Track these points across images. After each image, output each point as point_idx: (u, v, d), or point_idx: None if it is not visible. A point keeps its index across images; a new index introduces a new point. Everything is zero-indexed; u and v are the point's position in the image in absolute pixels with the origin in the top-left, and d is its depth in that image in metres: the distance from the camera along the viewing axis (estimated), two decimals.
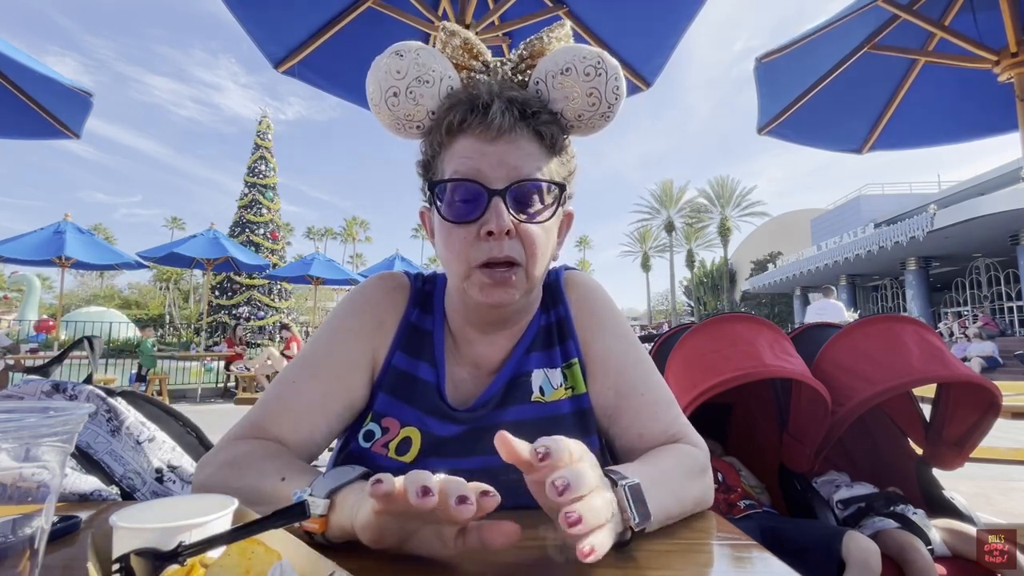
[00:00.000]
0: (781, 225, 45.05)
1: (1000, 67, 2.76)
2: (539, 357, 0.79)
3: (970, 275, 22.58)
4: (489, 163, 0.67)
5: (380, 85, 0.73)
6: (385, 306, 0.81)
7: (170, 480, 0.96)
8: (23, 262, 9.72)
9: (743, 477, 1.58)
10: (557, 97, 0.73)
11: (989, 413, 1.42)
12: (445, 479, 0.44)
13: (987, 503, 2.92)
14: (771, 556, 0.52)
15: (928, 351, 1.39)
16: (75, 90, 3.27)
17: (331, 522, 0.50)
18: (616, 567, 0.49)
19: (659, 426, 0.74)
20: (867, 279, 27.92)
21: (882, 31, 3.16)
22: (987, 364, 11.33)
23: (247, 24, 2.75)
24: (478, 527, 0.46)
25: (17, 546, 0.35)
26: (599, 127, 0.77)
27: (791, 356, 1.46)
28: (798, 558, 1.20)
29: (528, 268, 0.69)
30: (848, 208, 33.12)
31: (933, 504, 1.49)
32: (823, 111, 3.46)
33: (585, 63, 0.71)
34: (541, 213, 0.69)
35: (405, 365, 0.77)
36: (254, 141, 21.55)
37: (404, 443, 0.72)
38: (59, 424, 0.37)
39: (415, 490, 0.42)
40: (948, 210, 17.62)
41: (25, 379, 0.97)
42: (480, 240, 0.67)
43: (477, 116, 0.67)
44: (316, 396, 0.72)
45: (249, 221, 20.47)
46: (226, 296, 19.75)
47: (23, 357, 8.29)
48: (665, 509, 0.58)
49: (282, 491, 0.57)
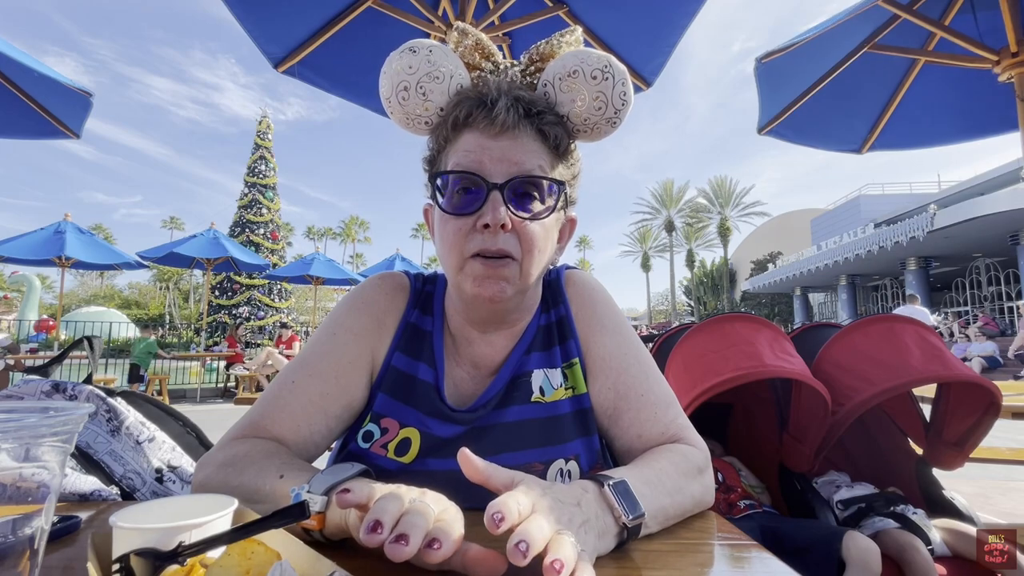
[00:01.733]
0: (781, 225, 45.07)
1: (1000, 67, 2.76)
2: (539, 357, 0.79)
3: (970, 275, 22.58)
4: (491, 157, 0.67)
5: (392, 80, 0.74)
6: (385, 307, 0.81)
7: (170, 480, 0.96)
8: (23, 262, 9.72)
9: (743, 477, 1.58)
10: (564, 100, 0.74)
11: (989, 413, 1.42)
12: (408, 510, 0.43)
13: (987, 503, 2.92)
14: (771, 556, 0.52)
15: (928, 351, 1.39)
16: (75, 90, 3.26)
17: (328, 519, 0.50)
18: (616, 567, 0.49)
19: (658, 427, 0.74)
20: (867, 279, 27.92)
21: (882, 31, 3.16)
22: (987, 364, 11.32)
23: (247, 24, 2.75)
24: (465, 551, 0.44)
25: (17, 546, 0.35)
26: (606, 132, 0.77)
27: (791, 356, 1.45)
28: (798, 558, 1.20)
29: (523, 264, 0.69)
30: (848, 208, 33.13)
31: (933, 504, 1.49)
32: (823, 111, 3.46)
33: (592, 67, 0.72)
34: (540, 210, 0.69)
35: (404, 366, 0.77)
36: (254, 141, 21.52)
37: (403, 444, 0.72)
38: (59, 424, 0.37)
39: (367, 524, 0.41)
40: (948, 210, 17.63)
41: (25, 379, 0.97)
42: (476, 232, 0.67)
43: (483, 111, 0.68)
44: (315, 396, 0.72)
45: (249, 221, 20.46)
46: (226, 296, 19.74)
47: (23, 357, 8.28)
48: (661, 508, 0.58)
49: (281, 488, 0.57)
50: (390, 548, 0.40)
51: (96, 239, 10.00)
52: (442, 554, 0.41)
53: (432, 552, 0.41)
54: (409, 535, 0.40)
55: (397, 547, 0.39)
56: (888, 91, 3.48)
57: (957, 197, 22.90)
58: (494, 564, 0.44)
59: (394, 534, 0.40)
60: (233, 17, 2.69)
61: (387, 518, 0.42)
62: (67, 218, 9.62)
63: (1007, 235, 17.42)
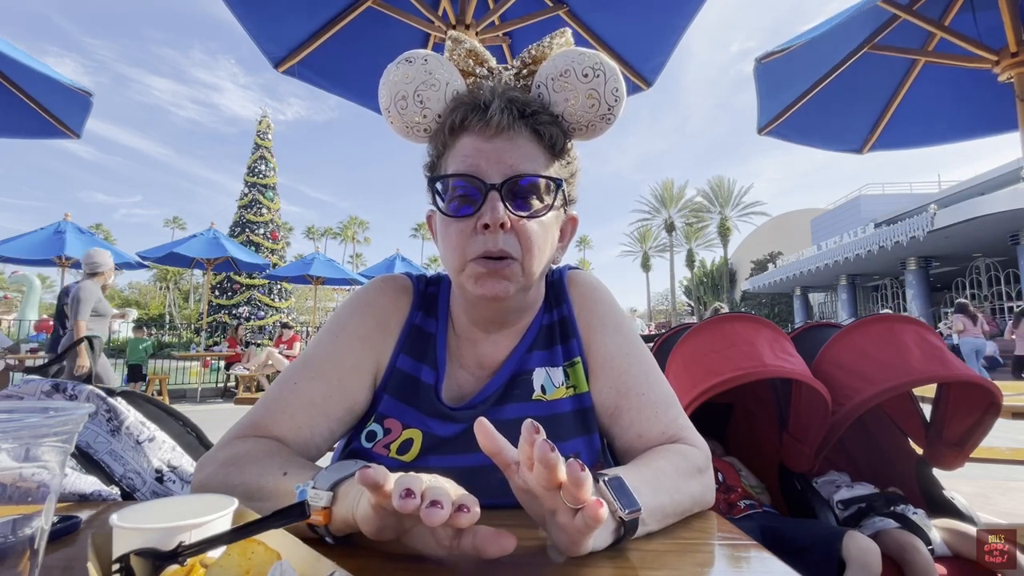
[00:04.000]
0: (781, 225, 45.08)
1: (1000, 67, 2.76)
2: (541, 356, 0.79)
3: (970, 275, 22.59)
4: (487, 159, 0.68)
5: (390, 91, 0.76)
6: (389, 309, 0.81)
7: (170, 480, 0.96)
8: (23, 262, 9.73)
9: (743, 477, 1.58)
10: (557, 100, 0.75)
11: (989, 413, 1.42)
12: (430, 484, 0.44)
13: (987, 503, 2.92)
14: (771, 556, 0.52)
15: (928, 351, 1.39)
16: (75, 90, 3.26)
17: (334, 514, 0.50)
18: (615, 567, 0.49)
19: (658, 427, 0.74)
20: (867, 279, 27.93)
21: (882, 31, 3.16)
22: (987, 364, 11.32)
23: (247, 24, 2.75)
24: (475, 532, 0.45)
25: (17, 546, 0.35)
26: (601, 130, 0.78)
27: (791, 356, 1.45)
28: (798, 558, 1.20)
29: (524, 263, 0.69)
30: (848, 208, 33.15)
31: (933, 504, 1.49)
32: (823, 111, 3.46)
33: (583, 65, 0.73)
34: (538, 208, 0.70)
35: (409, 368, 0.78)
36: (254, 141, 21.49)
37: (406, 444, 0.72)
38: (59, 424, 0.37)
39: (399, 492, 0.42)
40: (948, 210, 17.63)
41: (25, 379, 0.97)
42: (476, 234, 0.68)
43: (477, 115, 0.69)
44: (317, 398, 0.72)
45: (249, 221, 20.43)
46: (226, 296, 19.72)
47: (23, 357, 8.28)
48: (660, 507, 0.58)
49: (284, 485, 0.57)
50: (427, 512, 0.41)
51: (96, 239, 10.01)
52: (470, 518, 0.42)
53: (462, 516, 0.42)
54: (441, 501, 0.42)
55: (434, 511, 0.41)
56: (888, 91, 3.48)
57: (957, 197, 22.91)
58: (505, 542, 0.45)
59: (427, 500, 0.42)
60: (234, 17, 2.69)
61: (416, 485, 0.43)
62: (67, 218, 9.62)
63: (1007, 235, 17.42)
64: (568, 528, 0.46)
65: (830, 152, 3.94)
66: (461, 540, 0.46)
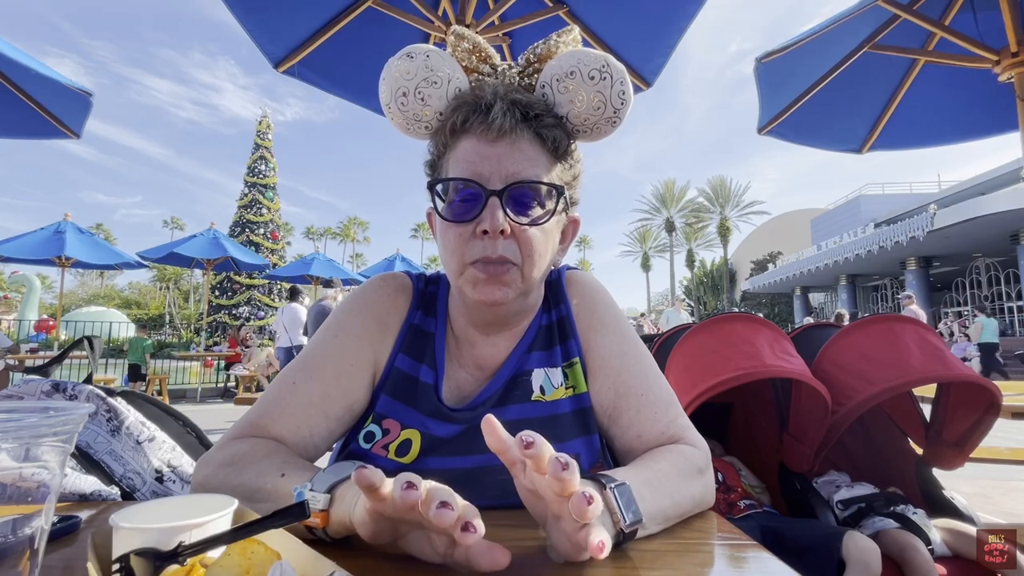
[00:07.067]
0: (781, 225, 45.08)
1: (1000, 67, 2.76)
2: (540, 356, 0.79)
3: (970, 275, 22.58)
4: (488, 164, 0.67)
5: (391, 86, 0.74)
6: (388, 308, 0.80)
7: (170, 480, 0.96)
8: (23, 262, 9.73)
9: (743, 477, 1.58)
10: (562, 101, 0.73)
11: (989, 413, 1.42)
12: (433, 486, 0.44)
13: (987, 503, 2.92)
14: (771, 556, 0.52)
15: (928, 351, 1.39)
16: (75, 90, 3.26)
17: (332, 516, 0.50)
18: (615, 567, 0.49)
19: (658, 427, 0.73)
20: (867, 279, 27.93)
21: (882, 31, 3.16)
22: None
23: (247, 24, 2.75)
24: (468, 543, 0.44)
25: (17, 546, 0.35)
26: (606, 132, 0.76)
27: (791, 356, 1.45)
28: (798, 558, 1.20)
29: (524, 269, 0.69)
30: (848, 208, 33.15)
31: (933, 504, 1.49)
32: (823, 111, 3.46)
33: (590, 67, 0.71)
34: (539, 215, 0.69)
35: (407, 367, 0.77)
36: (254, 141, 21.49)
37: (404, 445, 0.72)
38: (59, 424, 0.37)
39: (400, 484, 0.42)
40: (948, 210, 17.63)
41: (25, 379, 0.97)
42: (476, 238, 0.67)
43: (479, 116, 0.68)
44: (316, 398, 0.72)
45: (249, 221, 20.43)
46: (226, 296, 19.72)
47: (23, 357, 8.28)
48: (661, 511, 0.58)
49: (283, 487, 0.56)
50: (437, 513, 0.40)
51: (96, 239, 10.01)
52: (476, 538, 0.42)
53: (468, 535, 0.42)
54: (450, 502, 0.41)
55: (444, 511, 0.41)
56: (888, 91, 3.48)
57: (957, 197, 22.91)
58: (498, 556, 0.44)
59: (436, 501, 0.41)
60: (233, 17, 2.69)
61: (417, 478, 0.42)
62: (67, 218, 9.63)
63: (1007, 235, 17.42)
64: (571, 536, 0.46)
65: (830, 152, 3.94)
66: (455, 551, 0.45)
